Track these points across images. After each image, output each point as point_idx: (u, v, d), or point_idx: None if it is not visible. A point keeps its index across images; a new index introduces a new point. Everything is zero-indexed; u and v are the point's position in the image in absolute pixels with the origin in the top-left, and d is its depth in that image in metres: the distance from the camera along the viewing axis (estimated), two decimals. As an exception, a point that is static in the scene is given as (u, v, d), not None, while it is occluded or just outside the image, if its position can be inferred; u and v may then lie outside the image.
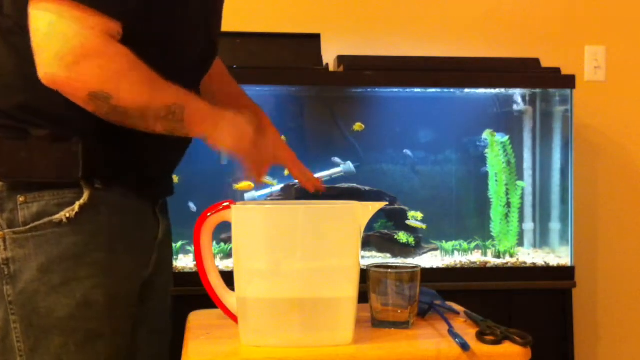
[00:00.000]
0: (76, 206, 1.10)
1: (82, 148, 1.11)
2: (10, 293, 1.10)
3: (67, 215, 1.10)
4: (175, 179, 2.04)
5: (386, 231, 2.19)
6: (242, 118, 1.20)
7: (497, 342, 1.04)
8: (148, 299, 1.26)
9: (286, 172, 2.17)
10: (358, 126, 2.23)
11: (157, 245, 1.27)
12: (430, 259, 2.16)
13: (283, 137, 2.20)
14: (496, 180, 2.22)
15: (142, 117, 1.07)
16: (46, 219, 1.10)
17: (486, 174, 2.26)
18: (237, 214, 1.04)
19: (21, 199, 1.10)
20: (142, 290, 1.22)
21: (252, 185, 2.15)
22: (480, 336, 1.06)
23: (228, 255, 2.04)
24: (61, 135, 1.11)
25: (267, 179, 2.17)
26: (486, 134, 2.23)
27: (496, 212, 2.22)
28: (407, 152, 2.30)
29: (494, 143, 2.22)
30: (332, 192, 2.14)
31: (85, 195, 1.11)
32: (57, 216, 1.10)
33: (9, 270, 1.10)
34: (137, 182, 1.20)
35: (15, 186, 1.11)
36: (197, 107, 1.12)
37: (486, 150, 2.24)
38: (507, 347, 1.04)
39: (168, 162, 1.29)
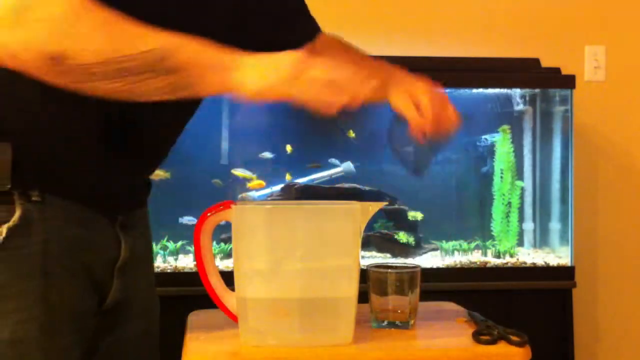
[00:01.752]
0: (3, 230, 0.92)
1: (12, 153, 0.92)
2: None
3: None
4: (167, 174, 2.07)
5: (386, 231, 2.19)
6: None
7: (492, 342, 1.04)
8: (118, 327, 1.10)
9: (288, 177, 2.18)
10: (350, 133, 2.24)
11: (119, 268, 1.07)
12: (430, 259, 2.16)
13: (289, 147, 2.24)
14: (501, 177, 2.22)
15: (123, 73, 0.85)
16: None
17: (486, 174, 2.26)
18: (237, 214, 1.04)
19: None
20: (105, 321, 1.07)
21: (264, 183, 2.15)
22: (477, 336, 1.06)
23: (228, 255, 2.04)
24: None
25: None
26: (501, 130, 2.22)
27: (498, 210, 2.22)
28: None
29: (507, 139, 2.21)
30: (332, 192, 2.15)
31: (16, 215, 0.93)
32: None
33: None
34: (86, 192, 1.00)
35: None
36: (199, 47, 0.89)
37: (491, 144, 2.24)
38: (505, 347, 1.04)
39: (128, 168, 1.06)
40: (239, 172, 2.14)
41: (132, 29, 0.86)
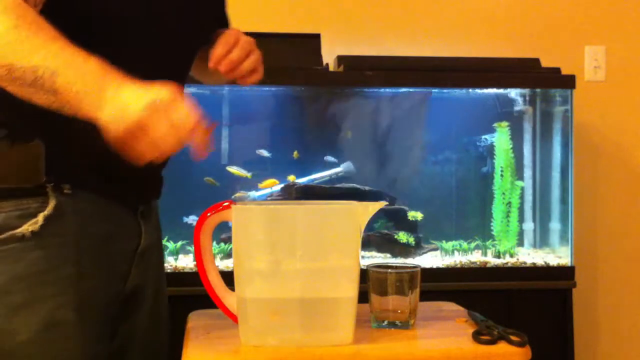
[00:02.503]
0: (40, 218, 0.99)
1: (46, 149, 0.99)
2: None
3: (31, 229, 0.98)
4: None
5: (386, 231, 2.19)
6: (136, 90, 0.90)
7: (492, 342, 1.04)
8: (134, 313, 1.16)
9: (292, 178, 2.18)
10: (348, 134, 2.24)
11: (139, 255, 1.15)
12: (430, 259, 2.16)
13: (296, 153, 2.24)
14: (501, 175, 2.22)
15: (9, 78, 0.88)
16: (7, 234, 0.98)
17: (486, 174, 2.26)
18: (237, 214, 1.04)
19: None
20: (125, 305, 1.13)
21: (277, 181, 2.15)
22: (477, 336, 1.06)
23: (228, 255, 2.04)
24: (21, 136, 0.99)
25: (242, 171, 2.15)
26: (497, 125, 2.22)
27: (498, 209, 2.22)
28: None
29: (505, 135, 2.20)
30: (332, 192, 2.15)
31: (50, 205, 0.99)
32: (19, 230, 0.98)
33: None
34: (111, 184, 1.07)
35: None
36: (76, 76, 0.88)
37: (490, 143, 2.24)
38: (505, 347, 1.04)
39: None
40: (233, 169, 2.13)
41: (35, 39, 0.88)
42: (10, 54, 0.88)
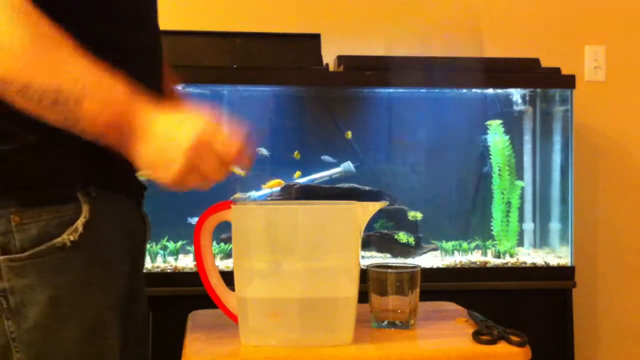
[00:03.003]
0: (79, 226, 0.95)
1: (78, 152, 0.95)
2: (13, 329, 0.94)
3: (71, 238, 0.94)
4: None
5: (386, 231, 2.19)
6: (181, 129, 0.89)
7: (492, 342, 1.04)
8: (134, 309, 1.15)
9: (298, 174, 2.18)
10: (348, 134, 2.24)
11: (144, 247, 1.16)
12: (430, 259, 2.16)
13: (297, 153, 2.24)
14: (499, 174, 2.22)
15: (20, 96, 0.82)
16: (48, 243, 0.94)
17: (486, 174, 2.26)
18: (237, 214, 1.04)
19: (16, 219, 0.93)
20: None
21: (282, 182, 2.14)
22: (477, 336, 1.06)
23: (228, 255, 2.04)
24: (53, 141, 0.93)
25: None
26: (489, 124, 2.22)
27: (497, 209, 2.22)
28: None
29: (499, 135, 2.20)
30: (332, 192, 2.15)
31: (85, 210, 0.96)
32: (59, 239, 0.94)
33: (8, 303, 0.93)
34: (127, 182, 1.07)
35: (6, 204, 0.93)
36: (103, 106, 0.85)
37: (487, 143, 2.24)
38: (505, 347, 1.04)
39: None
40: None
41: (58, 52, 0.84)
42: (26, 71, 0.82)
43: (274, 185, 2.14)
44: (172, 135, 0.88)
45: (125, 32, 1.00)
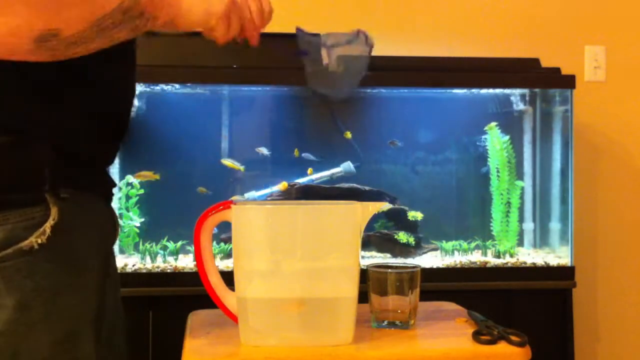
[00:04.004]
0: (47, 228, 0.93)
1: (47, 153, 0.95)
2: None
3: (39, 240, 0.93)
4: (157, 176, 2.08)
5: (386, 231, 2.19)
6: None
7: (492, 342, 1.04)
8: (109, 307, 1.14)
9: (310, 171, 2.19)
10: (347, 134, 2.24)
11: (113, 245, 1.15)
12: (430, 259, 2.16)
13: (297, 151, 2.24)
14: (498, 176, 2.22)
15: (101, 32, 0.89)
16: (15, 247, 0.92)
17: (486, 174, 2.26)
18: (237, 214, 1.04)
19: None
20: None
21: (286, 185, 2.15)
22: (477, 336, 1.06)
23: (228, 255, 2.04)
24: (22, 141, 0.93)
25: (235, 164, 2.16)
26: (488, 128, 2.22)
27: (497, 210, 2.22)
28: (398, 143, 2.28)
29: (496, 136, 2.21)
30: (332, 192, 2.14)
31: (54, 213, 0.94)
32: (26, 242, 0.92)
33: None
34: (100, 182, 1.08)
35: None
36: None
37: (487, 144, 2.24)
38: (505, 347, 1.04)
39: (117, 148, 1.13)
40: (228, 162, 2.13)
41: None
42: (94, 9, 0.88)
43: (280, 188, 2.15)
44: None
45: None
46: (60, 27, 0.85)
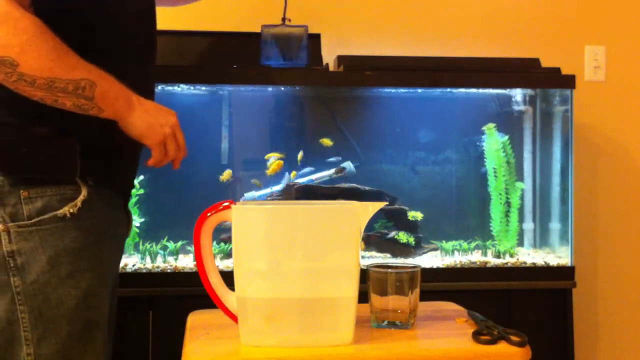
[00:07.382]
0: (78, 202, 1.18)
1: (81, 147, 1.18)
2: (18, 284, 1.15)
3: (71, 210, 1.17)
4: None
5: (386, 231, 2.19)
6: (164, 109, 1.25)
7: (492, 342, 1.04)
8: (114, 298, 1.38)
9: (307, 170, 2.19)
10: (326, 141, 2.23)
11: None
12: (430, 259, 2.16)
13: (300, 155, 2.25)
14: (495, 176, 2.22)
15: (50, 88, 1.09)
16: (51, 214, 1.16)
17: (486, 174, 2.26)
18: (237, 214, 1.04)
19: (24, 193, 1.15)
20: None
21: (282, 163, 2.15)
22: (477, 336, 1.06)
23: (228, 255, 2.04)
24: (61, 134, 1.17)
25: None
26: (485, 128, 2.22)
27: (496, 210, 2.22)
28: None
29: (493, 137, 2.21)
30: (332, 192, 2.15)
31: (84, 191, 1.19)
32: (60, 211, 1.17)
33: (16, 262, 1.15)
34: (121, 183, 1.31)
35: (16, 181, 1.16)
36: (109, 87, 1.15)
37: (484, 145, 2.24)
38: (505, 347, 1.04)
39: (140, 152, 1.35)
40: (271, 156, 2.16)
41: (71, 59, 1.10)
42: (56, 69, 1.08)
43: (275, 169, 2.14)
44: (160, 108, 1.25)
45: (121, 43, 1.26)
46: (20, 62, 1.05)
